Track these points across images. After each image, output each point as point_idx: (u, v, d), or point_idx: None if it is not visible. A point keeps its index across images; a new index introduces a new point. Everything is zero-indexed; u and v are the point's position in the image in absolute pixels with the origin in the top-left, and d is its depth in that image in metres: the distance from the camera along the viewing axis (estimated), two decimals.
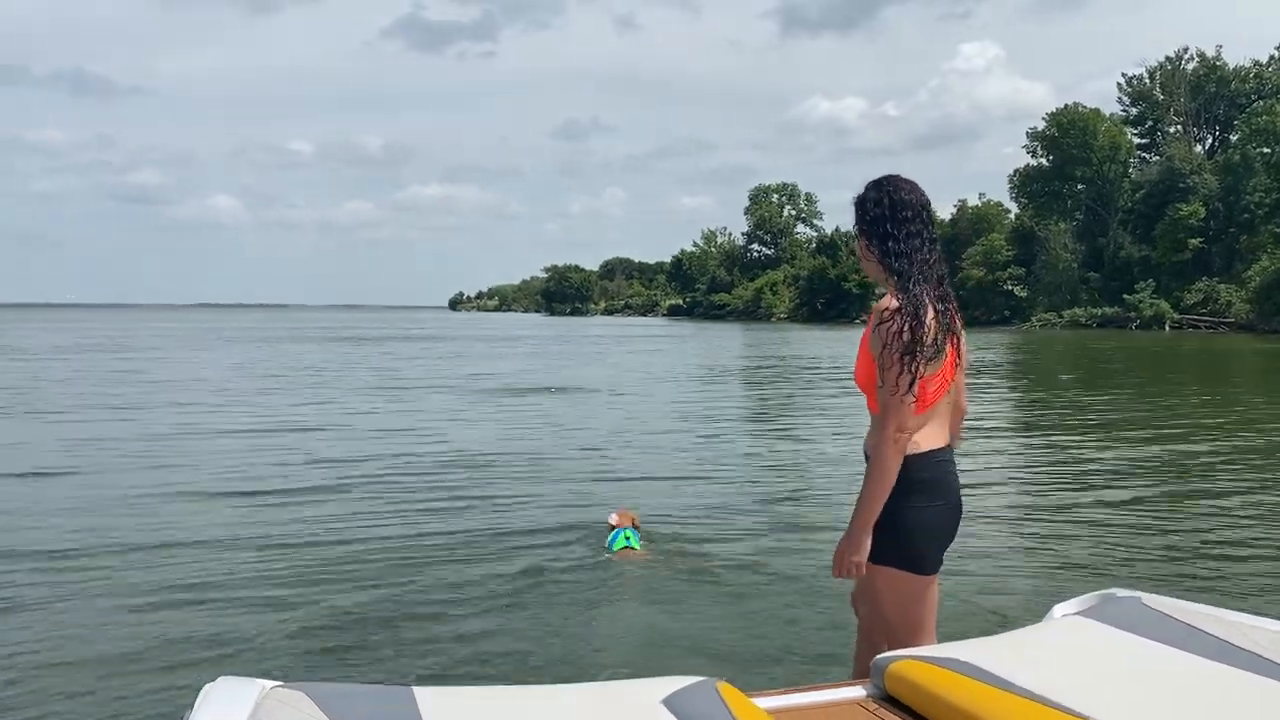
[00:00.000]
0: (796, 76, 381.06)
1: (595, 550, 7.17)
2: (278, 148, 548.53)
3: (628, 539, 7.13)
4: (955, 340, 2.86)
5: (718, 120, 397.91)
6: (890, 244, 2.81)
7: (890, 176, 2.92)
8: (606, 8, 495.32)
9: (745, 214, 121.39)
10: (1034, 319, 73.33)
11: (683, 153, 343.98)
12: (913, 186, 2.90)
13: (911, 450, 2.80)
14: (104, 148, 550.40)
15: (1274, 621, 2.26)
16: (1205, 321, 63.36)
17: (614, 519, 7.41)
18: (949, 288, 2.89)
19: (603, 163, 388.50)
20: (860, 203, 2.91)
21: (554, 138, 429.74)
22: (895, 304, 2.76)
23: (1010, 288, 77.27)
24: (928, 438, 2.84)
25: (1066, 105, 78.82)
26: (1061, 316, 71.66)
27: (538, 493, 9.66)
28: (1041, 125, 79.07)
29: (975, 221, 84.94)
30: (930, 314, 2.77)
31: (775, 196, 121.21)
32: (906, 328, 2.71)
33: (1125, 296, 68.51)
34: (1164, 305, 66.43)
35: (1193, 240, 66.65)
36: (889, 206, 2.84)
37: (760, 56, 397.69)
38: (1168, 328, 64.26)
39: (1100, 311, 70.19)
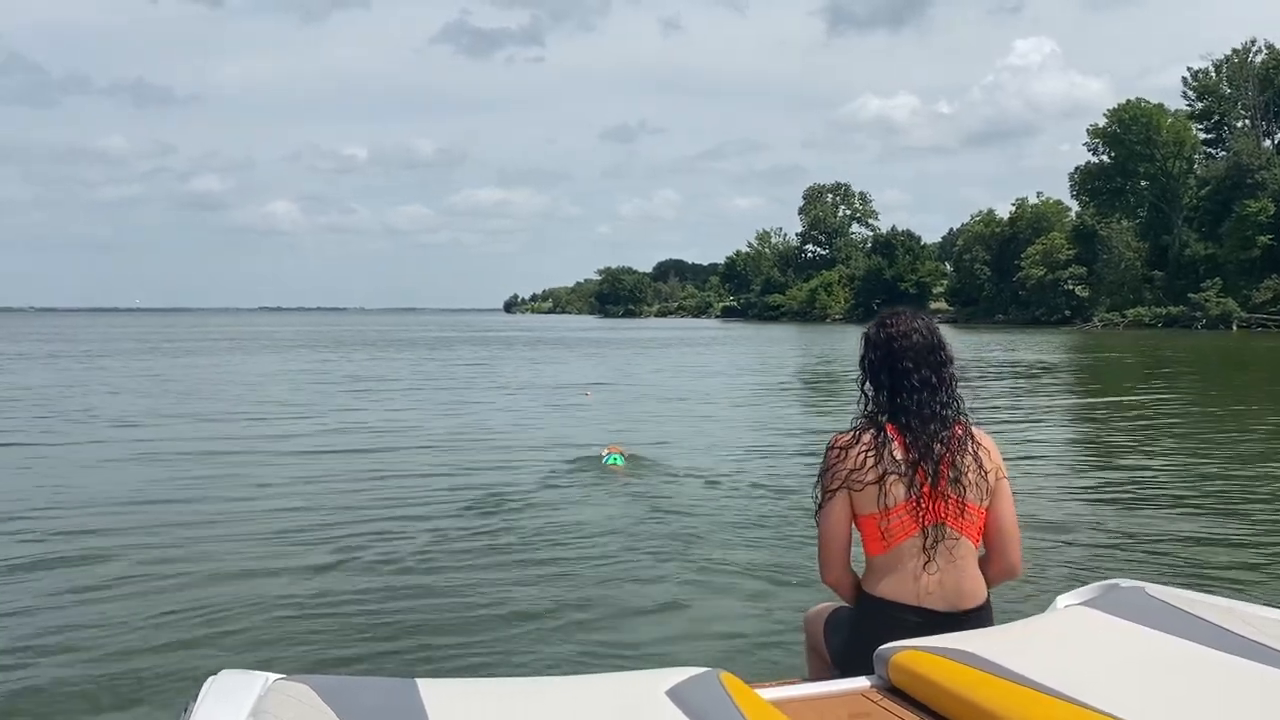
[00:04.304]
0: (846, 75, 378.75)
1: (595, 474, 10.13)
2: (333, 153, 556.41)
3: (615, 460, 10.46)
4: (934, 481, 2.58)
5: (767, 120, 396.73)
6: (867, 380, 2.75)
7: (891, 315, 2.79)
8: (651, 10, 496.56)
9: (799, 214, 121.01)
10: (1096, 319, 71.90)
11: (733, 153, 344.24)
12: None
13: (864, 586, 2.67)
14: (165, 155, 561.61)
15: (1279, 610, 2.21)
16: (1275, 321, 61.54)
17: (605, 451, 10.79)
18: (946, 424, 2.63)
19: (653, 164, 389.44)
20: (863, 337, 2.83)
21: (604, 140, 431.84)
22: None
23: (1071, 287, 75.87)
24: (889, 585, 2.60)
25: (1129, 100, 77.19)
26: (1124, 316, 70.16)
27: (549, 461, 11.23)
28: (1102, 122, 77.58)
29: (1034, 220, 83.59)
30: (865, 441, 2.62)
31: (829, 196, 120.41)
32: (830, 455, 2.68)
33: (1190, 295, 66.84)
34: (1231, 304, 64.66)
35: (1262, 237, 64.75)
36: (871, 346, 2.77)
37: (808, 55, 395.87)
38: (1235, 327, 62.55)
39: (1165, 311, 68.58)
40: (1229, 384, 24.83)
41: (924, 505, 2.57)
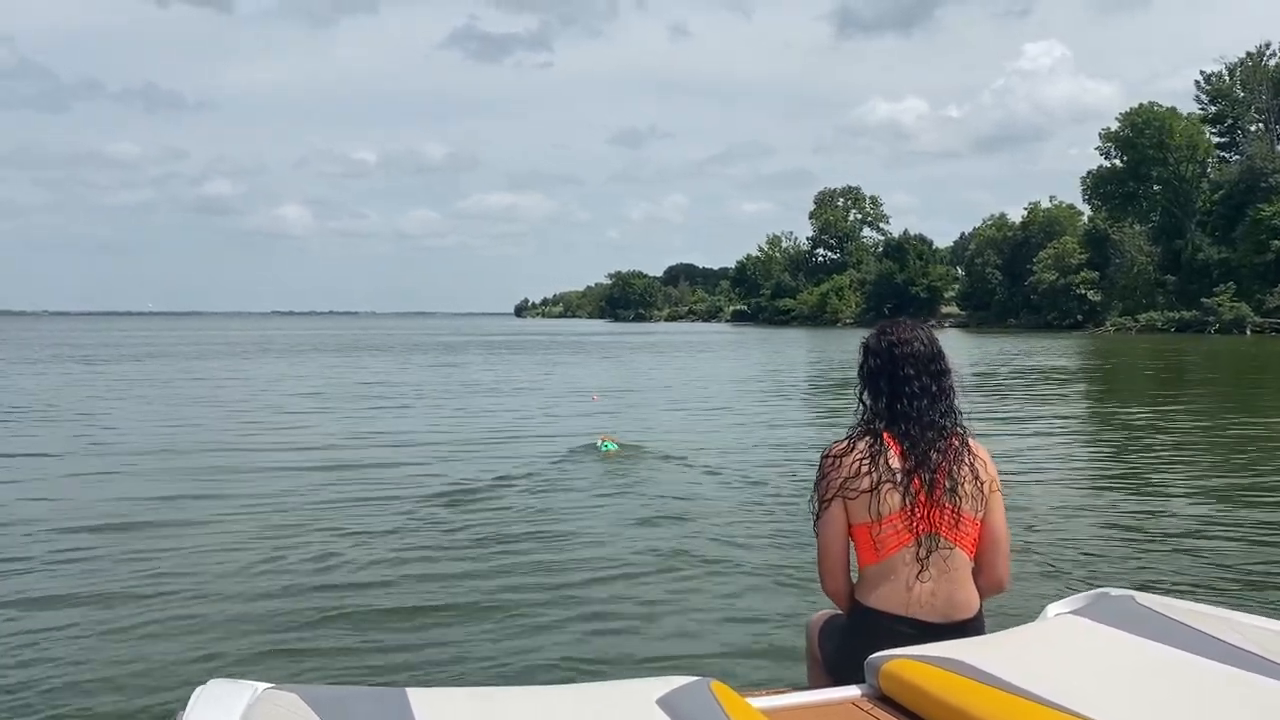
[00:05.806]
0: (854, 78, 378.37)
1: (591, 465, 11.01)
2: (343, 157, 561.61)
3: (608, 446, 12.01)
4: (930, 490, 2.57)
5: (775, 124, 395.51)
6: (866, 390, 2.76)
7: (890, 323, 2.82)
8: (658, 15, 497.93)
9: (810, 218, 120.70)
10: (1108, 323, 71.57)
11: (740, 158, 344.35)
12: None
13: (857, 595, 2.65)
14: (176, 160, 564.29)
15: (1268, 619, 2.21)
16: None
17: (599, 440, 12.38)
18: (943, 433, 2.63)
19: (661, 169, 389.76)
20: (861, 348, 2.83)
21: (612, 144, 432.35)
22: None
23: (1083, 291, 75.58)
24: (881, 595, 2.58)
25: (1141, 104, 76.99)
26: (1137, 320, 69.85)
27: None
28: (1114, 125, 77.33)
29: (1046, 224, 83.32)
30: (859, 450, 2.61)
31: (840, 200, 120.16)
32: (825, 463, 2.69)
33: (1204, 300, 66.49)
34: (1244, 308, 64.29)
35: (1276, 241, 64.33)
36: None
37: (816, 59, 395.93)
38: (1249, 331, 62.20)
39: (1177, 315, 68.25)
40: (1238, 389, 24.67)
41: (918, 514, 2.56)
